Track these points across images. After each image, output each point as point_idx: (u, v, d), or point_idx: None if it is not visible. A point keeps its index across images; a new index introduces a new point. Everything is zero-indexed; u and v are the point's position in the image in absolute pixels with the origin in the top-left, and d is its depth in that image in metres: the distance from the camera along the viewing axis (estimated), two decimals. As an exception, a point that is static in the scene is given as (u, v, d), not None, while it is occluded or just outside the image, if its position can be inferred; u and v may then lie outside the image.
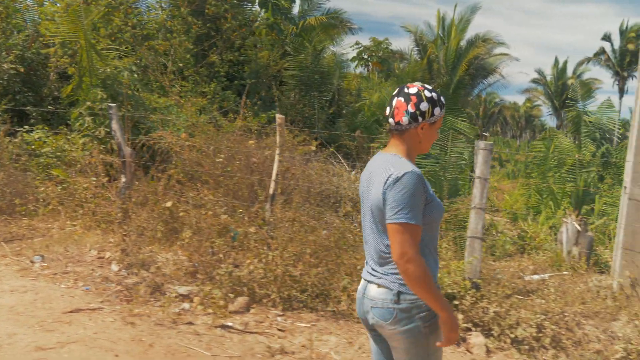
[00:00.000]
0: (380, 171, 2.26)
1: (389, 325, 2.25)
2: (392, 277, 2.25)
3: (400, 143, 2.33)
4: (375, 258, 2.32)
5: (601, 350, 4.44)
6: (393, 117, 2.30)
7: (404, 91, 2.30)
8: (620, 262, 5.10)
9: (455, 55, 26.49)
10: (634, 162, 5.04)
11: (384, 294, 2.26)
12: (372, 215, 2.29)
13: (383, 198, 2.20)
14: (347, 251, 5.51)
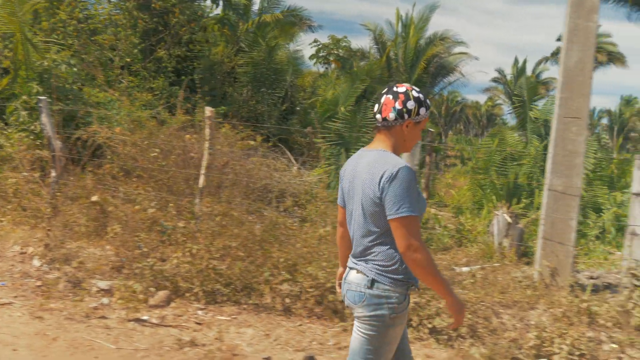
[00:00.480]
0: (371, 167, 2.34)
1: (359, 308, 2.38)
2: (371, 264, 2.38)
3: (386, 139, 2.43)
4: (359, 247, 2.44)
5: (516, 339, 4.50)
6: (381, 112, 2.40)
7: (393, 89, 2.41)
8: (540, 252, 5.18)
9: (414, 53, 26.70)
10: (553, 153, 5.13)
11: (359, 279, 2.39)
12: (362, 209, 2.39)
13: (380, 194, 2.29)
14: (273, 244, 5.47)
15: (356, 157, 2.51)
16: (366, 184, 2.35)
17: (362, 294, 2.37)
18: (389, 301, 2.34)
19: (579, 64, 5.03)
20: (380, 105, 2.41)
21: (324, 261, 5.08)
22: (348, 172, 2.50)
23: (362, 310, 2.38)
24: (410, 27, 27.02)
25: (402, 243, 2.26)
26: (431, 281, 2.29)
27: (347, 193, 2.51)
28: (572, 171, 5.04)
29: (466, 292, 4.97)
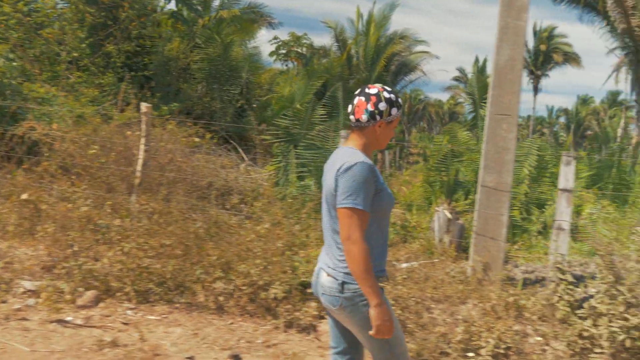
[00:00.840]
0: (335, 162, 2.43)
1: (337, 311, 2.45)
2: (339, 266, 2.42)
3: (359, 138, 2.50)
4: (328, 244, 2.50)
5: (446, 333, 4.54)
6: (354, 114, 2.47)
7: (365, 91, 2.48)
8: (473, 247, 5.24)
9: (375, 51, 26.83)
10: (485, 150, 5.18)
11: (330, 282, 2.43)
12: (327, 203, 2.47)
13: (335, 185, 2.37)
14: (208, 242, 5.41)
15: (332, 155, 2.58)
16: (328, 178, 2.45)
17: (336, 298, 2.42)
18: (362, 299, 2.38)
19: (509, 62, 5.10)
20: (353, 107, 2.48)
21: (258, 259, 5.03)
22: (325, 170, 2.56)
23: (341, 313, 2.44)
24: (370, 25, 27.12)
25: (343, 233, 2.33)
26: (362, 277, 2.32)
27: (322, 190, 2.56)
28: (503, 168, 5.11)
29: (399, 288, 5.00)
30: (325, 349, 4.44)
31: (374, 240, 2.45)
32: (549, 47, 39.11)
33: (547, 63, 39.93)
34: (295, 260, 5.07)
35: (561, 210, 4.84)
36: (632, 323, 4.13)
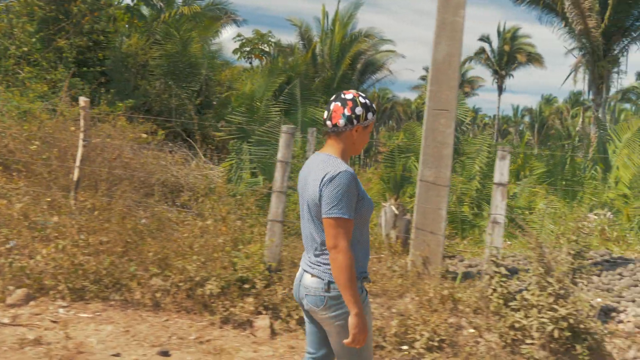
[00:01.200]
0: (316, 170, 2.46)
1: (321, 311, 2.48)
2: (324, 267, 2.48)
3: (336, 144, 2.54)
4: (310, 249, 2.55)
5: (382, 327, 4.55)
6: (331, 119, 2.51)
7: (341, 97, 2.52)
8: (413, 242, 5.26)
9: (340, 49, 26.87)
10: (424, 145, 5.21)
11: (316, 283, 2.49)
12: (309, 210, 2.51)
13: (319, 195, 2.40)
14: (146, 239, 5.33)
15: (308, 161, 2.62)
16: (309, 186, 2.47)
17: (322, 297, 2.47)
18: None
19: (447, 57, 5.13)
20: (329, 112, 2.52)
21: (196, 255, 4.97)
22: (300, 177, 2.60)
23: (324, 313, 2.49)
24: (335, 24, 27.16)
25: (330, 242, 2.38)
26: (344, 286, 2.37)
27: (299, 196, 2.61)
28: (441, 162, 5.14)
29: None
30: (260, 344, 4.42)
31: (357, 244, 2.52)
32: (512, 48, 39.73)
33: (511, 63, 40.55)
34: (234, 256, 5.02)
35: (496, 204, 4.89)
36: (561, 314, 4.20)
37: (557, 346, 4.27)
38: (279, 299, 4.72)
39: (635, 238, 8.10)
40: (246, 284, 4.81)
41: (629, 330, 4.59)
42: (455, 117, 5.16)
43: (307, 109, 13.12)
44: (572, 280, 4.52)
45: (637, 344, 4.48)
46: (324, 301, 2.47)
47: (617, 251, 7.65)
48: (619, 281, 5.63)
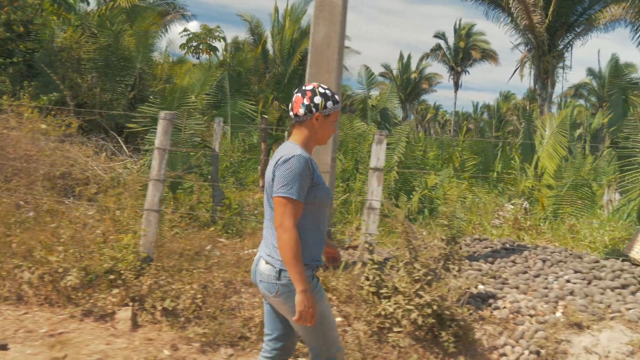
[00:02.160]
0: (275, 155, 2.56)
1: (274, 297, 2.55)
2: (277, 254, 2.51)
3: (299, 133, 2.65)
4: (267, 233, 2.61)
5: (251, 317, 4.40)
6: (292, 110, 2.65)
7: (302, 88, 2.66)
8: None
9: (290, 45, 26.70)
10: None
11: (268, 270, 2.54)
12: (266, 194, 2.60)
13: (272, 176, 2.51)
14: (14, 231, 5.08)
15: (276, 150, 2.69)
16: (268, 170, 2.57)
17: (273, 285, 2.52)
18: None
19: (325, 39, 5.00)
20: (291, 104, 2.66)
21: (61, 245, 4.75)
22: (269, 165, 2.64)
23: (277, 299, 2.55)
24: (286, 19, 26.97)
25: (277, 221, 2.46)
26: (290, 263, 2.43)
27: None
28: (323, 147, 5.01)
29: (211, 272, 4.82)
30: (117, 336, 4.22)
31: (309, 231, 2.58)
32: (467, 44, 40.12)
33: (466, 60, 40.95)
34: (104, 247, 4.81)
35: (372, 189, 4.77)
36: (425, 300, 4.10)
37: (423, 333, 4.18)
38: (145, 290, 4.52)
39: (548, 227, 8.13)
40: (112, 275, 4.60)
41: (503, 316, 4.52)
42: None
43: (237, 102, 12.91)
44: (445, 266, 4.44)
45: (508, 330, 4.42)
46: (275, 288, 2.52)
47: (528, 240, 7.67)
48: (510, 268, 5.59)
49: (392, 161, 9.01)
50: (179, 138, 7.32)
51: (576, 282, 5.23)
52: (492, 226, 8.26)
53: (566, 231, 7.95)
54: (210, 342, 4.18)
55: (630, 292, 5.11)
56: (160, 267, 4.77)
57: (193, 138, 7.43)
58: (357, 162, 9.86)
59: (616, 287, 5.17)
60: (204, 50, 23.12)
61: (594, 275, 5.38)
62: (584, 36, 22.13)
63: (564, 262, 5.70)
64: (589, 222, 7.90)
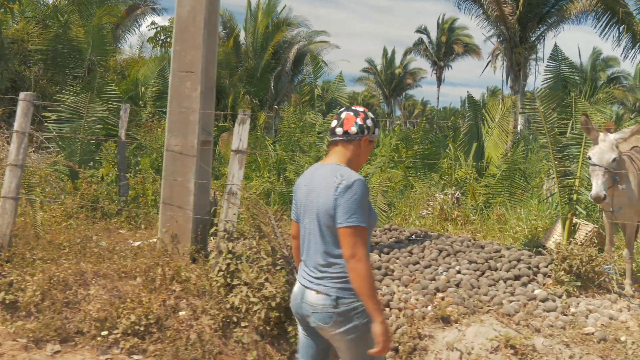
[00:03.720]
0: (327, 180, 2.40)
1: (330, 328, 2.39)
2: (332, 282, 2.39)
3: (342, 153, 2.51)
4: (316, 263, 2.44)
5: (91, 311, 4.05)
6: (342, 126, 2.50)
7: (353, 109, 2.56)
8: (161, 218, 4.77)
9: (263, 38, 26.30)
10: (170, 111, 4.73)
11: (322, 300, 2.39)
12: (318, 221, 2.41)
13: (334, 204, 2.34)
14: None
15: (311, 171, 2.56)
16: (321, 196, 2.39)
17: (330, 314, 2.38)
18: (356, 312, 2.38)
19: (191, 13, 4.65)
20: (340, 120, 2.52)
21: None
22: (303, 187, 2.54)
23: (333, 330, 2.39)
24: (258, 12, 26.58)
25: (348, 251, 2.31)
26: (366, 294, 2.30)
27: (301, 207, 2.53)
28: (188, 129, 4.66)
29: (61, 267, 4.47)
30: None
31: None
32: (450, 39, 39.72)
33: (449, 54, 40.58)
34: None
35: (233, 172, 4.41)
36: (270, 292, 3.76)
37: (269, 328, 3.84)
38: None
39: (477, 217, 7.81)
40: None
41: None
42: (201, 80, 4.67)
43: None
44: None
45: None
46: (333, 318, 2.38)
47: (451, 230, 7.34)
48: (405, 258, 5.25)
49: (322, 151, 8.67)
50: (78, 125, 6.95)
51: (466, 273, 4.90)
52: (419, 216, 7.94)
53: (495, 221, 7.64)
54: (37, 338, 3.83)
55: (522, 283, 4.78)
56: (9, 257, 4.42)
57: (95, 125, 7.05)
58: (294, 152, 9.50)
59: (509, 278, 4.85)
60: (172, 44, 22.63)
61: (489, 265, 5.05)
62: (556, 28, 21.77)
63: (462, 252, 5.36)
64: (516, 212, 7.58)
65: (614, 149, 4.37)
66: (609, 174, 4.34)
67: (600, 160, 4.35)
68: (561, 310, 4.30)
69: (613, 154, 4.36)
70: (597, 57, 33.26)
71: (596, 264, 4.89)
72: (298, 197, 2.57)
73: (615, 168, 4.37)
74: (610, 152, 4.36)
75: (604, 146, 4.40)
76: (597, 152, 4.40)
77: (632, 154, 4.97)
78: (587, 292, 4.88)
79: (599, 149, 4.40)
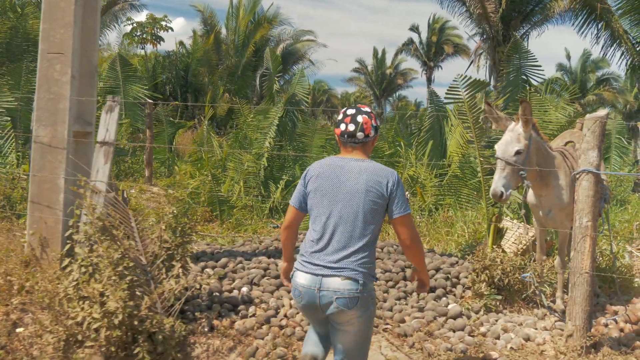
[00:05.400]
0: (374, 174, 2.59)
1: (352, 311, 2.52)
2: (360, 267, 2.54)
3: (364, 151, 2.71)
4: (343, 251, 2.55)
5: None
6: (363, 131, 2.66)
7: (363, 110, 2.72)
8: (28, 219, 4.21)
9: (245, 36, 25.75)
10: (37, 98, 4.18)
11: (349, 284, 2.52)
12: (362, 211, 2.56)
13: (389, 197, 2.58)
14: None
15: (332, 163, 2.67)
16: (370, 188, 2.57)
17: (355, 299, 2.51)
18: (373, 297, 2.61)
19: (60, -14, 4.09)
20: (360, 125, 2.66)
21: None
22: (330, 177, 2.63)
23: (355, 313, 2.52)
24: (240, 9, 26.05)
25: (409, 234, 2.62)
26: (422, 262, 2.78)
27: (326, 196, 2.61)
28: (57, 118, 4.10)
29: None
30: None
31: None
32: (440, 39, 39.09)
33: (439, 54, 39.94)
34: None
35: (97, 167, 3.86)
36: (111, 308, 3.20)
37: (114, 349, 3.27)
38: None
39: (424, 220, 7.25)
40: None
41: (244, 328, 3.62)
42: (72, 63, 4.11)
43: (131, 87, 12.01)
44: (169, 266, 3.54)
45: (243, 345, 3.52)
46: (358, 302, 2.51)
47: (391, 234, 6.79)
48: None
49: (263, 147, 8.10)
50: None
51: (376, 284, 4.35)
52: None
53: (442, 224, 7.10)
54: None
55: (436, 296, 4.24)
56: None
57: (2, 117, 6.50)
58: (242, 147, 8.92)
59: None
60: (148, 40, 22.09)
61: (404, 275, 4.50)
62: (540, 27, 21.27)
63: (380, 259, 4.81)
64: (464, 215, 7.03)
65: (521, 140, 3.81)
66: (512, 168, 3.78)
67: (504, 153, 3.80)
68: (470, 330, 3.75)
69: (517, 146, 3.80)
70: (586, 58, 32.75)
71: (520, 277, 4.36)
72: (319, 185, 2.63)
73: (520, 162, 3.80)
74: (514, 143, 3.81)
75: (509, 137, 3.84)
76: (501, 143, 3.86)
77: (566, 150, 4.41)
78: (513, 306, 4.35)
79: (503, 140, 3.86)
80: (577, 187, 3.44)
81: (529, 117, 3.80)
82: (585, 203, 3.42)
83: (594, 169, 3.39)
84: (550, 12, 20.69)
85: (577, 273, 3.45)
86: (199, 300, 3.87)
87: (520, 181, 3.90)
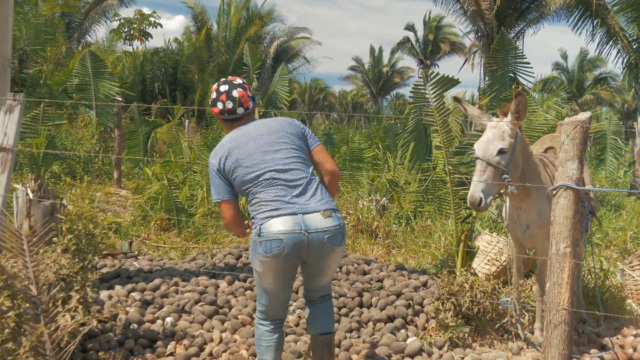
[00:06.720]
0: (281, 121, 2.78)
1: (340, 246, 2.59)
2: (327, 198, 2.62)
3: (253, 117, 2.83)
4: (307, 190, 2.58)
5: None
6: (242, 105, 2.74)
7: (236, 83, 2.77)
8: None
9: (236, 33, 25.18)
10: None
11: (336, 220, 2.56)
12: (297, 150, 2.66)
13: (304, 133, 2.76)
14: None
15: (234, 136, 2.68)
16: (288, 130, 2.70)
17: (342, 234, 2.58)
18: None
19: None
20: (237, 100, 2.72)
21: None
22: (240, 145, 2.62)
23: (341, 246, 2.58)
24: (231, 5, 25.47)
25: (330, 160, 2.80)
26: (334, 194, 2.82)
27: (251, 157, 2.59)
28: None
29: None
30: None
31: None
32: (437, 37, 38.49)
33: (435, 53, 39.33)
34: None
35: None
36: None
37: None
38: None
39: (400, 228, 6.69)
40: None
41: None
42: None
43: (102, 83, 11.45)
44: (67, 297, 2.97)
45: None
46: (343, 237, 2.58)
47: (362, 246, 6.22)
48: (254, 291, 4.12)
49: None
50: None
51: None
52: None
53: (419, 234, 6.53)
54: None
55: (394, 327, 3.67)
56: None
57: None
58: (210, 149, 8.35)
59: (380, 320, 3.72)
60: (136, 37, 21.50)
61: (361, 301, 3.93)
62: (536, 24, 20.74)
63: (337, 280, 4.24)
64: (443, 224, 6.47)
65: (506, 137, 3.20)
66: (493, 171, 3.17)
67: (484, 152, 3.20)
68: (428, 372, 3.18)
69: (501, 144, 3.18)
70: (584, 57, 32.16)
71: (498, 302, 3.79)
72: (238, 156, 2.59)
73: (504, 164, 3.19)
74: (498, 141, 3.19)
75: (491, 134, 3.22)
76: (482, 142, 3.25)
77: (545, 157, 3.83)
78: (484, 338, 3.77)
79: (484, 138, 3.25)
80: (554, 206, 2.85)
81: (522, 112, 3.20)
82: (563, 225, 2.82)
83: (574, 184, 2.79)
84: (546, 9, 20.16)
85: (554, 309, 2.86)
86: (111, 334, 3.30)
87: (503, 187, 3.27)
